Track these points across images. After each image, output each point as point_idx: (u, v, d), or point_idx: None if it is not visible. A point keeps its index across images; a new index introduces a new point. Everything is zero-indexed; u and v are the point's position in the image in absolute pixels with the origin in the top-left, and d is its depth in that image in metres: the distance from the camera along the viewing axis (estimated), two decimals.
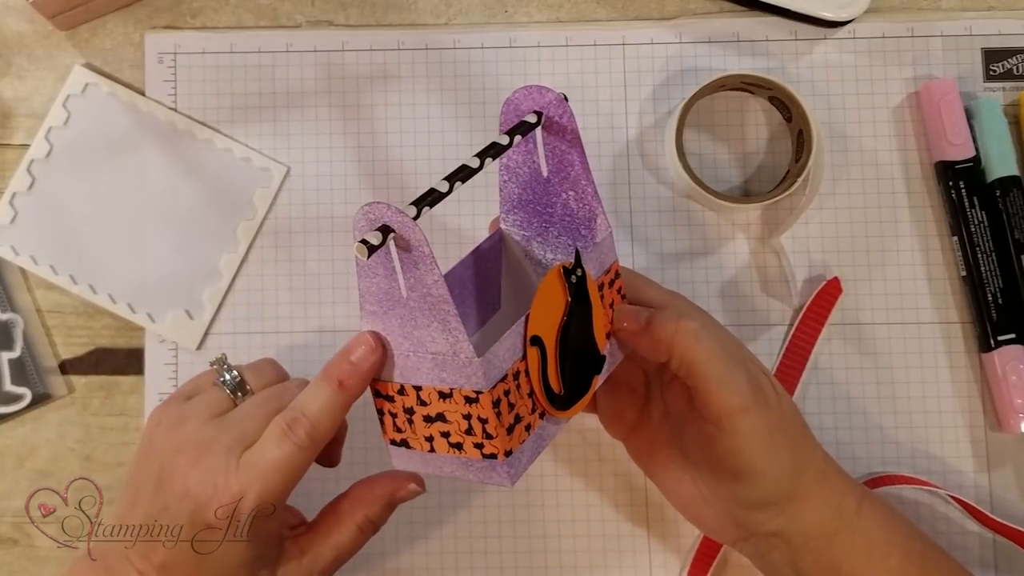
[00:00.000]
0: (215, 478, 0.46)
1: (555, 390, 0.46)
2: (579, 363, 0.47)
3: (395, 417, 0.46)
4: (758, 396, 0.48)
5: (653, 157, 0.61)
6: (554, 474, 0.60)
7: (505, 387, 0.43)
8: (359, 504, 0.50)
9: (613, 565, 0.59)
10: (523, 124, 0.46)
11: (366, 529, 0.50)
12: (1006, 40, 0.62)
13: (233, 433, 0.47)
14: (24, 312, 0.60)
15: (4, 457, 0.60)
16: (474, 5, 0.62)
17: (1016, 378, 0.58)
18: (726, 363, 0.47)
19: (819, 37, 0.62)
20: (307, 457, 0.47)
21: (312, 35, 0.62)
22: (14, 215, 0.61)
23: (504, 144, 0.45)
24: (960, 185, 0.59)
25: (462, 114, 0.61)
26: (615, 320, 0.49)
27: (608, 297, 0.48)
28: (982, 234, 0.59)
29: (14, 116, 0.62)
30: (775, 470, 0.48)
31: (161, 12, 0.62)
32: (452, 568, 0.59)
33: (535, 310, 0.44)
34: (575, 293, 0.46)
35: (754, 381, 0.48)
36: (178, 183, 0.61)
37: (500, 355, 0.43)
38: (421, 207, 0.41)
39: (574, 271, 0.46)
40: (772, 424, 0.48)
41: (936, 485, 0.58)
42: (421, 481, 0.50)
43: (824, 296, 0.59)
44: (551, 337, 0.45)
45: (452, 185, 0.43)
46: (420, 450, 0.46)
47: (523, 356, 0.44)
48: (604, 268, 0.48)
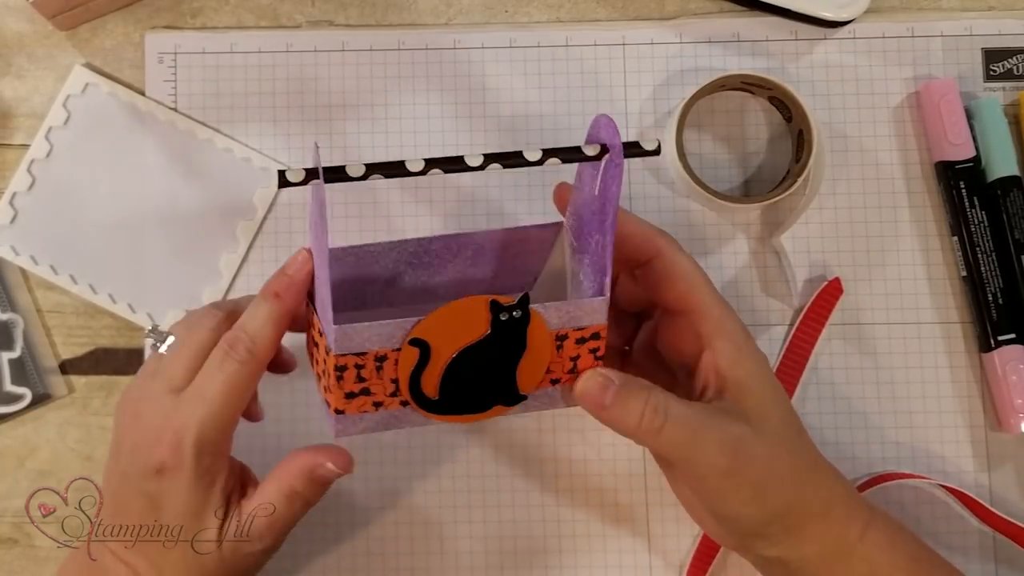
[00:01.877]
0: (155, 421, 0.47)
1: (427, 394, 0.46)
2: (479, 388, 0.47)
3: (315, 343, 0.48)
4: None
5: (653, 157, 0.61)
6: (554, 474, 0.60)
7: (359, 361, 0.45)
8: (286, 474, 0.50)
9: (613, 565, 0.59)
10: (580, 152, 0.46)
11: (292, 499, 0.49)
12: (1006, 40, 0.62)
13: (162, 378, 0.48)
14: (24, 312, 0.60)
15: (4, 457, 0.60)
16: (474, 5, 0.62)
17: (1016, 378, 0.58)
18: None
19: (819, 37, 0.62)
20: (250, 372, 0.47)
21: (312, 35, 0.62)
22: (14, 215, 0.61)
23: (532, 160, 0.46)
24: (960, 185, 0.59)
25: (462, 114, 0.61)
26: (579, 385, 0.47)
27: (570, 351, 0.47)
28: (982, 234, 0.59)
29: (14, 116, 0.62)
30: (758, 516, 0.48)
31: (161, 12, 0.62)
32: (452, 568, 0.59)
33: (436, 320, 0.45)
34: (498, 331, 0.46)
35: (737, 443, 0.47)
36: (178, 183, 0.61)
37: (361, 334, 0.44)
38: (369, 174, 0.44)
39: (511, 311, 0.45)
40: (760, 476, 0.47)
41: (928, 477, 0.58)
42: (344, 461, 0.49)
43: (825, 296, 0.59)
44: (447, 350, 0.46)
45: (422, 170, 0.45)
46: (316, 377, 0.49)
47: (398, 348, 0.45)
48: (576, 324, 0.47)
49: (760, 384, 0.48)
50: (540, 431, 0.60)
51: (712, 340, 0.48)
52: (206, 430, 0.47)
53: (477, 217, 0.61)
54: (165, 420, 0.47)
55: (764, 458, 0.47)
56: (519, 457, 0.60)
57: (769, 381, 0.49)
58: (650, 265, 0.50)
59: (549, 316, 0.46)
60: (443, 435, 0.60)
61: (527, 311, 0.45)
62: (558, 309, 0.46)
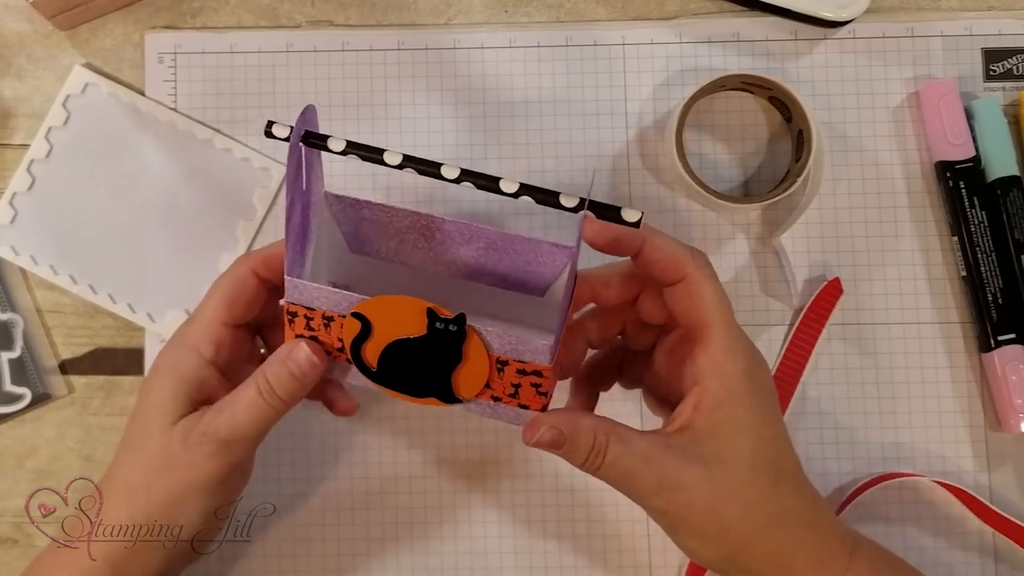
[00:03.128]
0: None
1: (367, 363, 0.48)
2: (415, 376, 0.48)
3: None
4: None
5: (653, 157, 0.61)
6: (553, 474, 0.60)
7: (308, 314, 0.48)
8: (263, 365, 0.49)
9: (613, 565, 0.59)
10: (557, 199, 0.46)
11: (264, 391, 0.49)
12: (1006, 40, 0.62)
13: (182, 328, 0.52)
14: (24, 312, 0.60)
15: (4, 457, 0.60)
16: (474, 5, 0.62)
17: (1016, 378, 0.58)
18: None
19: (819, 37, 0.62)
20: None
21: (312, 35, 0.62)
22: (14, 215, 0.61)
23: (506, 191, 0.46)
24: (960, 185, 0.59)
25: (462, 114, 0.61)
26: (535, 440, 0.47)
27: (512, 377, 0.47)
28: (982, 234, 0.59)
29: (14, 116, 0.62)
30: (706, 556, 0.48)
31: (161, 12, 0.62)
32: (452, 568, 0.59)
33: (378, 305, 0.46)
34: (432, 336, 0.46)
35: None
36: (178, 183, 0.61)
37: (310, 291, 0.47)
38: (348, 151, 0.46)
39: (447, 323, 0.46)
40: (699, 521, 0.47)
41: (928, 477, 0.58)
42: (320, 353, 0.49)
43: (825, 296, 0.59)
44: (387, 334, 0.47)
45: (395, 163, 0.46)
46: None
47: (343, 315, 0.47)
48: (518, 356, 0.46)
49: (734, 430, 0.47)
50: None
51: (704, 377, 0.47)
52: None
53: (480, 216, 0.61)
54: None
55: (706, 507, 0.46)
56: (519, 457, 0.60)
57: (749, 430, 0.47)
58: (676, 287, 0.48)
59: (490, 339, 0.46)
60: (442, 435, 0.60)
61: (463, 328, 0.46)
62: (500, 336, 0.46)
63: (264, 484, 0.59)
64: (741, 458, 0.46)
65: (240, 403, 0.49)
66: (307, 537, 0.59)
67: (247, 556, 0.59)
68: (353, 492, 0.60)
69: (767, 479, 0.47)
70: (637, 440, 0.47)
